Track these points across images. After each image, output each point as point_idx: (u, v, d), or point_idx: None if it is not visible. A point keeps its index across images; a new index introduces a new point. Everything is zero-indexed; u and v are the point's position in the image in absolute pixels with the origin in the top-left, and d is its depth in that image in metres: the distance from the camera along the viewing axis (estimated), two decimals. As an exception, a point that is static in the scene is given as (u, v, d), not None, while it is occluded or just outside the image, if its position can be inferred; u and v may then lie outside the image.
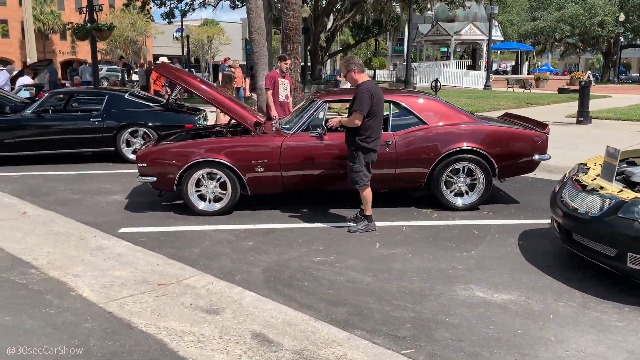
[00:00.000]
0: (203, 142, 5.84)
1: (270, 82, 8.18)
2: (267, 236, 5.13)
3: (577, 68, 72.42)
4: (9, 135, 8.67)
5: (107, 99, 8.97)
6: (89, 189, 7.19)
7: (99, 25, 16.53)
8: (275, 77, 8.18)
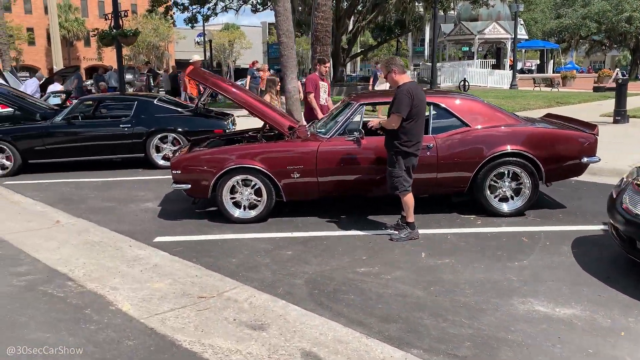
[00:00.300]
0: (237, 148, 5.70)
1: (312, 85, 7.94)
2: (306, 245, 4.95)
3: (602, 65, 70.87)
4: (39, 142, 8.66)
5: (137, 105, 8.91)
6: (121, 196, 7.10)
7: (124, 31, 16.58)
8: (316, 80, 7.98)
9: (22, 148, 8.62)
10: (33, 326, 3.45)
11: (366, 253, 4.69)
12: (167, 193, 7.16)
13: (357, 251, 4.74)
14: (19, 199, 7.14)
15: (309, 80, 8.02)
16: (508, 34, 36.54)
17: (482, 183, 5.51)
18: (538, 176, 5.52)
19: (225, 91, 6.09)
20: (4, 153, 8.64)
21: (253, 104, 6.03)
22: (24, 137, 8.65)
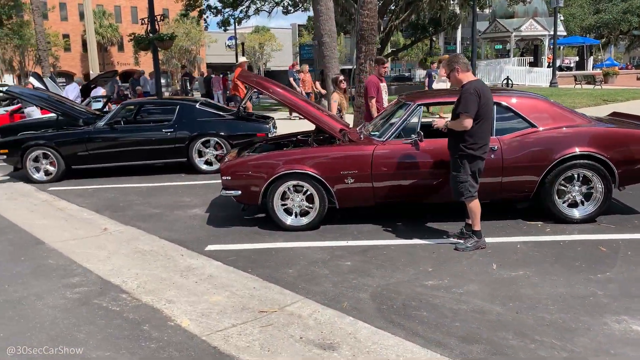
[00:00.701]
0: (288, 153, 5.48)
1: (375, 88, 7.51)
2: (365, 255, 4.68)
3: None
4: (82, 147, 8.63)
5: (179, 109, 8.80)
6: (167, 202, 6.97)
7: (160, 35, 16.65)
8: (378, 82, 7.59)
9: (66, 154, 8.60)
10: (92, 344, 3.28)
11: (431, 264, 4.39)
12: (213, 199, 6.99)
13: (421, 262, 4.45)
14: (64, 205, 7.09)
15: (370, 83, 7.59)
16: (545, 30, 35.60)
17: (550, 187, 5.15)
18: (611, 179, 5.13)
19: (274, 94, 5.87)
20: (48, 159, 8.64)
21: (304, 107, 5.80)
22: (67, 143, 8.63)
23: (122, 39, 60.23)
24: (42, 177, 8.66)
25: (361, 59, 8.27)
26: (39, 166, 8.66)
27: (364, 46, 8.18)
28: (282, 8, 33.06)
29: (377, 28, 29.46)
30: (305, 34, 64.88)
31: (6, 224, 6.22)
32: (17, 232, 5.84)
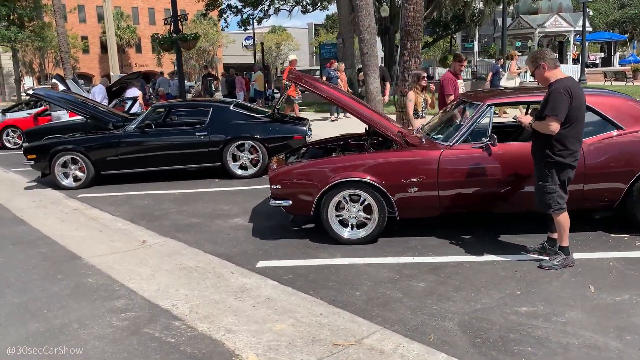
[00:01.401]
0: (344, 159, 5.00)
1: (452, 86, 7.02)
2: (437, 274, 4.20)
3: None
4: (112, 152, 8.26)
5: (212, 112, 8.38)
6: (205, 211, 6.55)
7: (184, 35, 16.29)
8: (454, 79, 7.09)
9: (95, 158, 8.24)
10: (151, 388, 2.85)
11: (517, 286, 3.89)
12: (254, 207, 6.56)
13: (504, 283, 3.95)
14: (97, 214, 6.71)
15: (447, 80, 7.06)
16: (571, 26, 34.70)
17: (639, 196, 4.63)
18: None
19: (325, 94, 5.42)
20: (77, 164, 8.28)
21: (358, 108, 5.33)
22: (97, 147, 8.27)
23: (139, 41, 60.43)
24: (70, 183, 8.31)
25: (406, 56, 7.78)
26: (68, 172, 8.31)
27: (409, 42, 7.68)
28: (300, 7, 32.70)
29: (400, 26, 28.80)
30: (322, 33, 64.48)
31: (38, 235, 5.85)
32: (50, 245, 5.45)
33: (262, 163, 8.29)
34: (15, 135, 14.00)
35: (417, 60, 7.81)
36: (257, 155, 8.31)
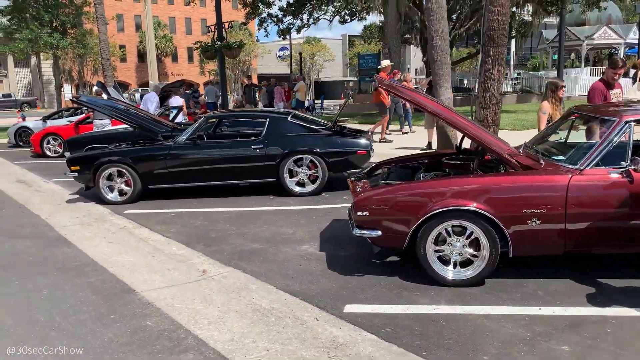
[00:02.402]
0: (447, 183, 4.19)
1: (600, 96, 6.22)
2: (579, 333, 3.34)
3: None
4: (161, 165, 7.62)
5: (269, 123, 7.68)
6: (267, 234, 5.82)
7: (229, 43, 15.84)
8: (604, 90, 6.23)
9: (143, 171, 7.62)
10: None
11: (699, 356, 3.02)
12: (320, 231, 5.81)
13: (678, 350, 3.08)
14: (147, 234, 6.05)
15: (595, 91, 6.23)
16: (621, 38, 33.36)
17: None
18: None
19: (425, 106, 4.65)
20: (123, 177, 7.68)
21: (463, 124, 4.53)
22: (145, 159, 7.65)
23: (175, 50, 60.93)
24: (115, 197, 7.70)
25: (488, 64, 6.95)
26: (113, 185, 7.71)
27: (492, 49, 6.86)
28: (339, 17, 32.15)
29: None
30: (357, 43, 63.95)
31: (84, 260, 5.20)
32: (99, 274, 4.78)
33: (322, 180, 7.55)
34: (55, 144, 13.62)
35: (500, 69, 6.98)
36: (316, 171, 7.58)
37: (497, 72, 6.96)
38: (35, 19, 19.97)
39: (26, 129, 16.45)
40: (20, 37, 19.63)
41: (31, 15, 20.05)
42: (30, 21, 19.74)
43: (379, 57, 30.35)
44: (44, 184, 9.68)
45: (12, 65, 54.30)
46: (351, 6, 30.60)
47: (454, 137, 8.05)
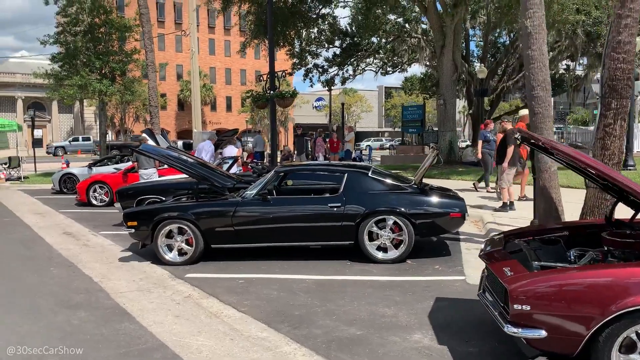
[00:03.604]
0: (634, 272, 3.21)
1: None
2: None
3: None
4: (227, 222, 6.82)
5: (347, 179, 6.86)
6: (362, 314, 4.85)
7: (282, 93, 15.33)
8: None
9: (206, 229, 6.82)
10: None
11: None
12: (428, 313, 4.83)
13: None
14: (217, 307, 5.17)
15: None
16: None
17: None
18: None
19: (575, 160, 3.74)
20: (183, 235, 6.89)
21: (625, 181, 3.58)
22: (209, 216, 6.87)
23: (215, 99, 61.91)
24: (175, 257, 6.90)
25: (609, 117, 6.03)
26: (172, 244, 6.92)
27: (615, 101, 5.96)
28: (381, 70, 31.87)
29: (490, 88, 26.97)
30: (395, 95, 63.96)
31: (151, 341, 4.32)
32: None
33: (408, 245, 6.61)
34: (102, 192, 13.08)
35: (623, 123, 6.05)
36: (400, 234, 6.65)
37: (619, 128, 6.02)
38: (85, 66, 20.05)
39: (71, 176, 16.10)
40: (70, 83, 19.66)
41: (81, 62, 20.16)
42: (81, 67, 19.81)
43: (423, 108, 29.83)
44: (93, 237, 8.99)
45: (56, 111, 55.83)
46: (395, 58, 30.39)
47: (557, 199, 7.06)
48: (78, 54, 19.79)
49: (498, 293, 3.62)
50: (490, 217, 9.12)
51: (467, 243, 7.68)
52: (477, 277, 5.88)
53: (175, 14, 59.34)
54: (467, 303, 5.08)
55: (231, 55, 63.43)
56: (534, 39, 7.00)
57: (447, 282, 5.82)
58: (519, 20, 7.62)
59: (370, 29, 23.35)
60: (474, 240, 7.81)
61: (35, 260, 7.28)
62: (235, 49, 64.37)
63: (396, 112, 61.33)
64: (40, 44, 20.55)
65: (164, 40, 56.69)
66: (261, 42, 23.79)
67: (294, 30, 22.84)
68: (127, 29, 20.93)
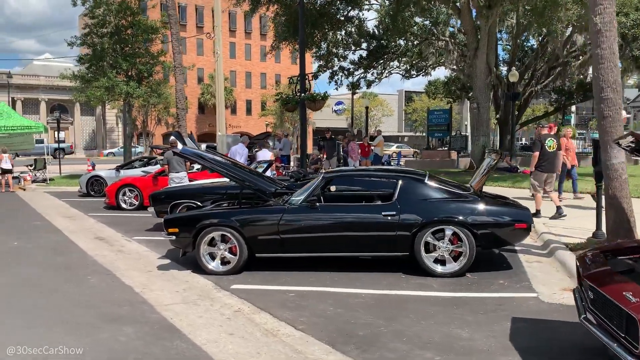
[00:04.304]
0: None
1: None
2: None
3: None
4: (273, 230, 6.42)
5: (402, 185, 6.42)
6: (435, 337, 4.40)
7: (312, 95, 14.98)
8: None
9: (251, 237, 6.44)
10: None
11: None
12: (508, 335, 4.35)
13: None
14: (272, 324, 4.77)
15: None
16: None
17: None
18: None
19: None
20: (227, 243, 6.51)
21: None
22: (254, 223, 6.48)
23: (235, 103, 61.86)
24: (217, 266, 6.53)
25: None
26: (215, 252, 6.54)
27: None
28: (404, 73, 31.33)
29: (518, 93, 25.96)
30: (416, 99, 63.28)
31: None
32: (237, 392, 3.49)
33: (469, 257, 6.14)
34: (132, 195, 12.79)
35: None
36: (459, 246, 6.18)
37: None
38: (112, 67, 19.90)
39: (99, 178, 15.89)
40: (97, 85, 19.52)
41: (108, 64, 20.01)
42: (108, 69, 19.65)
43: (450, 113, 29.25)
44: (127, 243, 8.66)
45: (78, 113, 56.20)
46: (420, 62, 29.85)
47: (629, 210, 6.54)
48: (105, 55, 19.65)
49: (615, 321, 3.14)
50: (543, 227, 8.59)
51: (525, 255, 7.17)
52: (550, 294, 5.43)
53: (197, 17, 59.49)
54: (549, 325, 4.60)
55: (251, 59, 63.49)
56: (604, 36, 6.50)
57: (518, 299, 5.34)
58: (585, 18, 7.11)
59: (397, 32, 22.89)
60: (532, 252, 7.30)
61: (71, 269, 6.96)
62: (256, 52, 64.46)
63: (417, 116, 60.73)
64: (68, 45, 20.47)
65: (185, 44, 56.77)
66: (287, 44, 23.49)
67: (321, 32, 22.47)
68: (154, 31, 20.75)
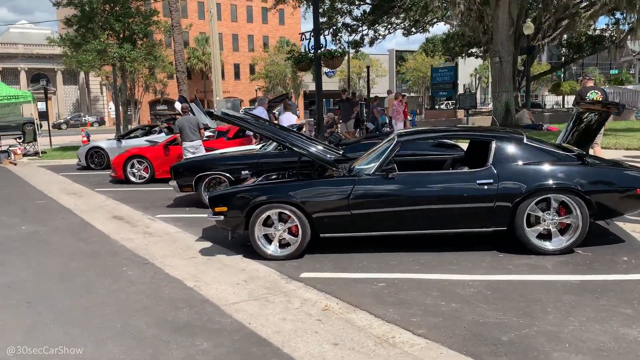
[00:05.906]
0: None
1: None
2: None
3: None
4: (342, 206, 5.35)
5: (497, 148, 5.34)
6: (604, 339, 3.42)
7: (330, 52, 13.68)
8: None
9: (316, 215, 5.37)
10: None
11: None
12: None
13: None
14: (382, 329, 3.78)
15: None
16: None
17: None
18: None
19: None
20: (285, 223, 5.44)
21: None
22: (319, 198, 5.41)
23: (222, 67, 59.74)
24: (276, 251, 5.49)
25: None
26: (272, 233, 5.48)
27: None
28: (403, 30, 29.95)
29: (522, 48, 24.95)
30: (409, 58, 61.69)
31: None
32: None
33: (582, 230, 5.14)
34: (141, 167, 11.60)
35: None
36: (567, 217, 5.18)
37: None
38: (103, 29, 18.30)
39: (99, 150, 14.64)
40: (88, 49, 17.96)
41: (99, 25, 18.40)
42: (99, 31, 18.06)
43: (455, 70, 28.07)
44: (151, 223, 7.56)
45: (60, 82, 53.95)
46: (425, 18, 28.45)
47: None
48: (94, 15, 18.00)
49: None
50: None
51: (625, 223, 6.22)
52: None
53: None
54: None
55: (237, 20, 61.18)
56: None
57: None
58: None
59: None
60: (630, 219, 6.32)
61: (99, 258, 5.87)
62: (242, 13, 62.04)
63: (411, 75, 59.26)
64: (53, 6, 18.67)
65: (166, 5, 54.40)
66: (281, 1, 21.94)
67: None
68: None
